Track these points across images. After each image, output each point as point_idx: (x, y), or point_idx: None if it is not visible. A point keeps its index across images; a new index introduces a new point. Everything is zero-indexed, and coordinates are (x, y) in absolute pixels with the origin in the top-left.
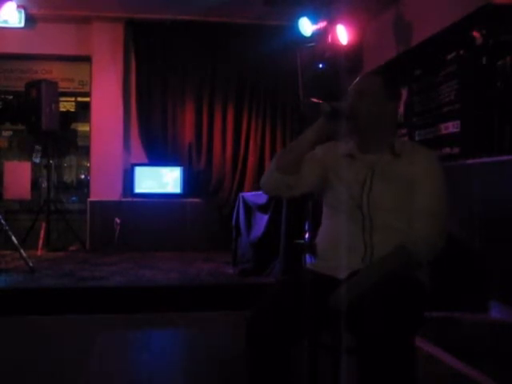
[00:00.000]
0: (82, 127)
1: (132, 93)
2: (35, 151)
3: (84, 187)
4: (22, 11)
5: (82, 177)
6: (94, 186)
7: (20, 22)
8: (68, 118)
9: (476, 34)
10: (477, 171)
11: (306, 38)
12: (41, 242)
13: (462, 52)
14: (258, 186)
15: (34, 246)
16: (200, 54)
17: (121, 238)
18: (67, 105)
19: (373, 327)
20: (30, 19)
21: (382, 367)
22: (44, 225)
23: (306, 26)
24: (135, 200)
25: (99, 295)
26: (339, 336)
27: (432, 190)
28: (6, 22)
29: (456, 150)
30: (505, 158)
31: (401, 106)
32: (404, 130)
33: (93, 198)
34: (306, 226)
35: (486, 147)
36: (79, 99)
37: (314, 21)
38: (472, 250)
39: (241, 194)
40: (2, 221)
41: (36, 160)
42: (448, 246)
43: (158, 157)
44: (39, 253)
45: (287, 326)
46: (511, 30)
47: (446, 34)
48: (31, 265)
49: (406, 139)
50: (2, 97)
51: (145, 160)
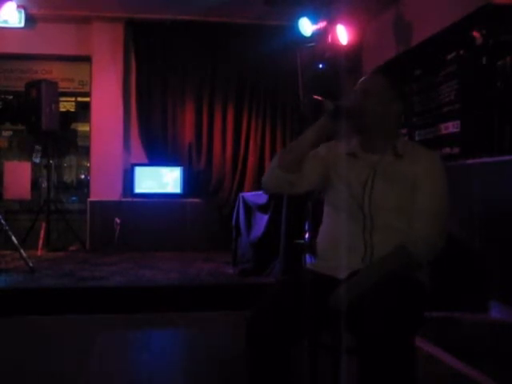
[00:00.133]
0: (82, 127)
1: (132, 93)
2: (35, 151)
3: (84, 187)
4: (22, 11)
5: (82, 177)
6: (93, 186)
7: (20, 22)
8: (68, 118)
9: (476, 34)
10: (477, 171)
11: (305, 38)
12: (41, 241)
13: (462, 52)
14: (258, 185)
15: (34, 246)
16: (200, 54)
17: (121, 238)
18: (67, 105)
19: (373, 327)
20: (30, 19)
21: (382, 367)
22: (44, 225)
23: (306, 26)
24: (135, 200)
25: (99, 295)
26: (339, 336)
27: (433, 190)
28: (5, 21)
29: (456, 150)
30: (505, 158)
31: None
32: (404, 130)
33: (93, 197)
34: (306, 226)
35: (485, 147)
36: (79, 99)
37: (314, 21)
38: (472, 250)
39: (241, 194)
40: (2, 221)
41: (36, 160)
42: (448, 246)
43: (158, 157)
44: (39, 253)
45: (287, 326)
46: (511, 29)
47: (446, 33)
48: (31, 265)
49: (406, 139)
50: (2, 97)
51: (145, 160)
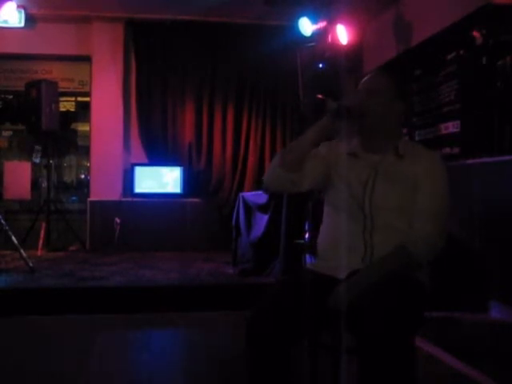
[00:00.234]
0: (82, 127)
1: (132, 93)
2: (35, 151)
3: (84, 187)
4: (22, 11)
5: (82, 177)
6: (93, 186)
7: (20, 22)
8: (68, 118)
9: (476, 34)
10: (477, 171)
11: (306, 37)
12: (41, 241)
13: (462, 52)
14: (258, 185)
15: (34, 246)
16: (200, 54)
17: (121, 238)
18: (67, 105)
19: (373, 327)
20: (30, 19)
21: (382, 367)
22: (44, 225)
23: (306, 26)
24: (135, 200)
25: (99, 295)
26: (339, 336)
27: (433, 190)
28: (6, 21)
29: (456, 150)
30: (505, 158)
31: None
32: (404, 130)
33: (93, 197)
34: (306, 226)
35: (486, 147)
36: (79, 99)
37: (314, 21)
38: (472, 250)
39: (241, 194)
40: (2, 221)
41: (36, 160)
42: (448, 246)
43: (158, 157)
44: (39, 253)
45: (287, 326)
46: (511, 30)
47: (446, 33)
48: (31, 265)
49: (407, 139)
50: (2, 97)
51: (145, 160)
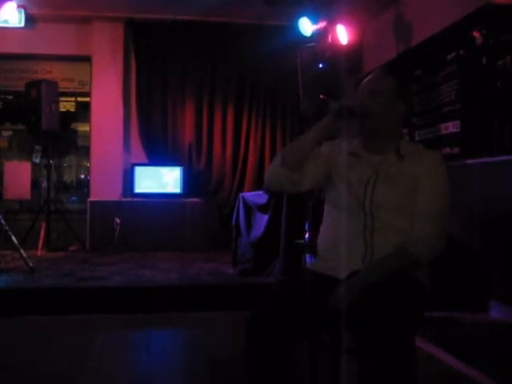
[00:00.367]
0: (82, 127)
1: (132, 93)
2: (35, 151)
3: (84, 187)
4: (22, 11)
5: (82, 177)
6: (94, 186)
7: (20, 22)
8: (68, 118)
9: (476, 34)
10: (477, 171)
11: (306, 37)
12: (41, 242)
13: (462, 52)
14: (258, 185)
15: (34, 246)
16: (200, 54)
17: (121, 238)
18: (67, 105)
19: (373, 327)
20: (30, 19)
21: (382, 367)
22: (44, 225)
23: (306, 26)
24: (135, 200)
25: (99, 295)
26: (339, 336)
27: (434, 190)
28: (6, 21)
29: (456, 150)
30: (505, 158)
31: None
32: (404, 130)
33: (93, 197)
34: (306, 226)
35: (485, 147)
36: (79, 99)
37: (314, 21)
38: (472, 250)
39: (241, 194)
40: (2, 221)
41: (36, 160)
42: (448, 246)
43: (158, 157)
44: (39, 253)
45: (287, 326)
46: (511, 29)
47: (446, 33)
48: (31, 265)
49: (408, 140)
50: (2, 97)
51: (145, 160)
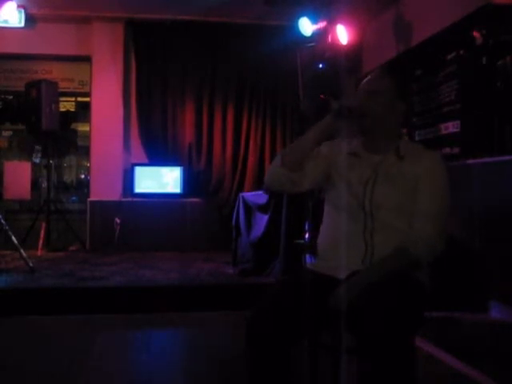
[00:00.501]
0: (82, 127)
1: (132, 93)
2: (35, 151)
3: (84, 187)
4: (22, 11)
5: (82, 177)
6: (93, 186)
7: (20, 22)
8: (68, 118)
9: (476, 34)
10: (477, 171)
11: (306, 37)
12: (41, 242)
13: (462, 52)
14: (258, 185)
15: (34, 246)
16: (200, 54)
17: (121, 238)
18: (67, 105)
19: (373, 327)
20: (30, 19)
21: (382, 367)
22: (44, 225)
23: (306, 26)
24: (135, 200)
25: (99, 295)
26: (339, 336)
27: (434, 191)
28: (6, 21)
29: (456, 150)
30: (505, 158)
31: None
32: (404, 130)
33: (93, 197)
34: (306, 226)
35: (486, 147)
36: (79, 99)
37: (314, 21)
38: (472, 250)
39: (241, 194)
40: (2, 221)
41: (36, 160)
42: (448, 246)
43: (158, 157)
44: (39, 253)
45: (287, 326)
46: (511, 29)
47: (446, 33)
48: (31, 265)
49: (408, 140)
50: (2, 97)
51: (145, 160)
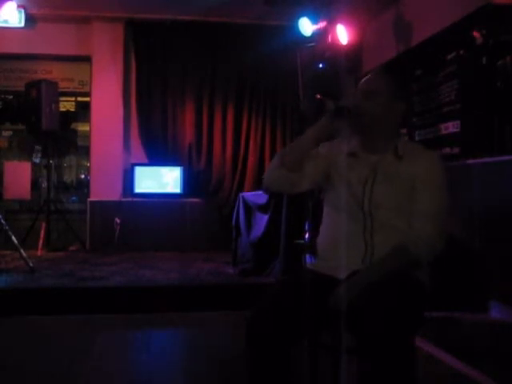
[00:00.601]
0: (82, 127)
1: (132, 93)
2: (35, 151)
3: (84, 187)
4: (22, 11)
5: (82, 177)
6: (94, 186)
7: (20, 22)
8: (68, 118)
9: (476, 34)
10: (477, 171)
11: (306, 37)
12: (41, 242)
13: (462, 52)
14: (258, 185)
15: (34, 246)
16: (200, 54)
17: (121, 238)
18: (67, 105)
19: (373, 327)
20: (30, 19)
21: (382, 367)
22: (44, 225)
23: (306, 26)
24: (135, 200)
25: (99, 295)
26: (339, 336)
27: (432, 190)
28: (6, 21)
29: (456, 150)
30: (505, 158)
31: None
32: (404, 130)
33: (93, 197)
34: (306, 226)
35: (486, 147)
36: (79, 99)
37: (314, 21)
38: (472, 250)
39: (241, 194)
40: (2, 221)
41: (36, 160)
42: (448, 246)
43: (158, 157)
44: (39, 253)
45: (287, 326)
46: (511, 29)
47: (446, 33)
48: (31, 265)
49: (406, 139)
50: (2, 97)
51: (145, 160)
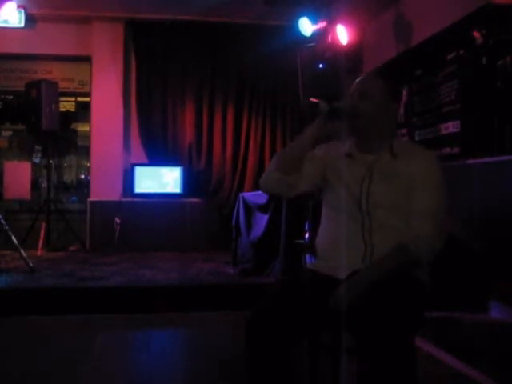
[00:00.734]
0: (82, 127)
1: (132, 93)
2: (35, 151)
3: (84, 187)
4: (22, 11)
5: (82, 177)
6: (94, 186)
7: (20, 22)
8: (68, 118)
9: (476, 34)
10: (477, 171)
11: (306, 37)
12: (41, 242)
13: (462, 52)
14: (258, 186)
15: (34, 246)
16: (200, 54)
17: (121, 238)
18: (67, 105)
19: (373, 327)
20: (30, 19)
21: (382, 367)
22: (44, 225)
23: (306, 26)
24: (135, 200)
25: (99, 295)
26: (339, 336)
27: (430, 190)
28: (6, 21)
29: (456, 150)
30: (505, 158)
31: (401, 106)
32: (404, 130)
33: (93, 197)
34: (306, 226)
35: (486, 147)
36: (79, 99)
37: (314, 21)
38: (472, 250)
39: (241, 194)
40: (2, 221)
41: (36, 160)
42: (448, 246)
43: (158, 157)
44: (39, 253)
45: (287, 326)
46: (511, 29)
47: (446, 33)
48: (31, 265)
49: (406, 139)
50: (2, 97)
51: (145, 160)
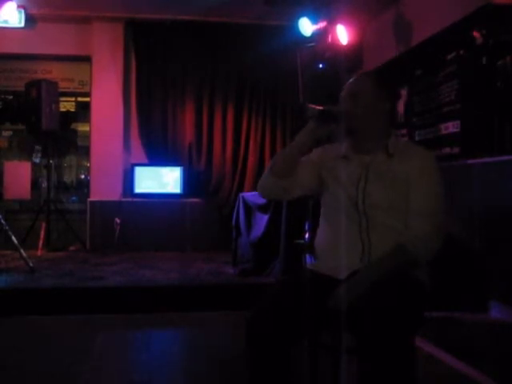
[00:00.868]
0: (82, 127)
1: (132, 93)
2: (35, 151)
3: (84, 187)
4: (22, 11)
5: (82, 177)
6: (94, 186)
7: (20, 22)
8: (68, 118)
9: (476, 34)
10: (477, 171)
11: (306, 37)
12: (41, 242)
13: (462, 52)
14: None
15: (34, 246)
16: (200, 54)
17: (121, 238)
18: (67, 105)
19: (373, 327)
20: (30, 19)
21: (382, 367)
22: (44, 225)
23: (306, 26)
24: (135, 200)
25: (99, 295)
26: (339, 336)
27: (427, 190)
28: (6, 21)
29: (456, 150)
30: (505, 158)
31: (401, 106)
32: (404, 130)
33: (93, 197)
34: (306, 226)
35: (486, 147)
36: (79, 99)
37: (314, 21)
38: (472, 250)
39: (241, 194)
40: (2, 221)
41: (36, 160)
42: (448, 245)
43: (158, 157)
44: (39, 253)
45: (287, 326)
46: (511, 29)
47: (446, 33)
48: (31, 265)
49: (405, 139)
50: (2, 97)
51: (145, 160)
